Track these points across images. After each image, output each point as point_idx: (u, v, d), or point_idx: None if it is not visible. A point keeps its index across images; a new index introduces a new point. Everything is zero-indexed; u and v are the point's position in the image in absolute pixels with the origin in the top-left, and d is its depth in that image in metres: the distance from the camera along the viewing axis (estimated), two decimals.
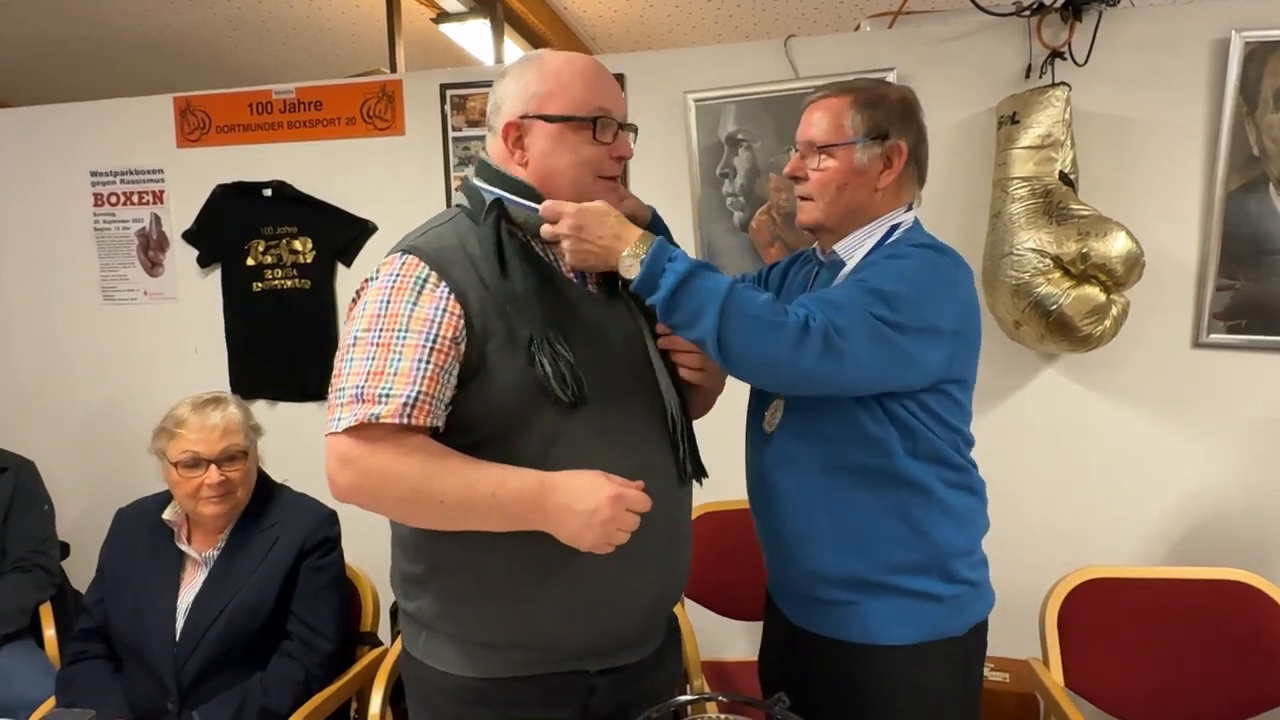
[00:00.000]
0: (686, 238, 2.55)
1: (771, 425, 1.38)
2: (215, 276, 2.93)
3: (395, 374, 1.12)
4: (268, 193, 2.84)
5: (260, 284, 2.87)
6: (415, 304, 1.15)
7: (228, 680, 1.71)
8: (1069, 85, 2.14)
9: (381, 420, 1.10)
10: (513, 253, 1.19)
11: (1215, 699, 1.78)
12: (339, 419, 1.12)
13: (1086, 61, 2.21)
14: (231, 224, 2.88)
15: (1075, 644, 1.81)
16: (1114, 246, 2.05)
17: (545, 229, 1.20)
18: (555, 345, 1.14)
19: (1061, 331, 2.12)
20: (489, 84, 2.75)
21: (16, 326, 3.11)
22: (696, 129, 2.49)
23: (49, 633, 2.28)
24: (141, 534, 1.85)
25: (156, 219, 2.97)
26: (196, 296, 2.94)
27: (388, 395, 1.11)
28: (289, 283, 2.85)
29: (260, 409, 2.80)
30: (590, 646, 1.22)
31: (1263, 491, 2.26)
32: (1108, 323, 2.11)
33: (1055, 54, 2.22)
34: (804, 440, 1.34)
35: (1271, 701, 1.76)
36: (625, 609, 1.22)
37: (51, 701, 1.83)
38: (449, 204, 2.39)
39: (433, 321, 1.15)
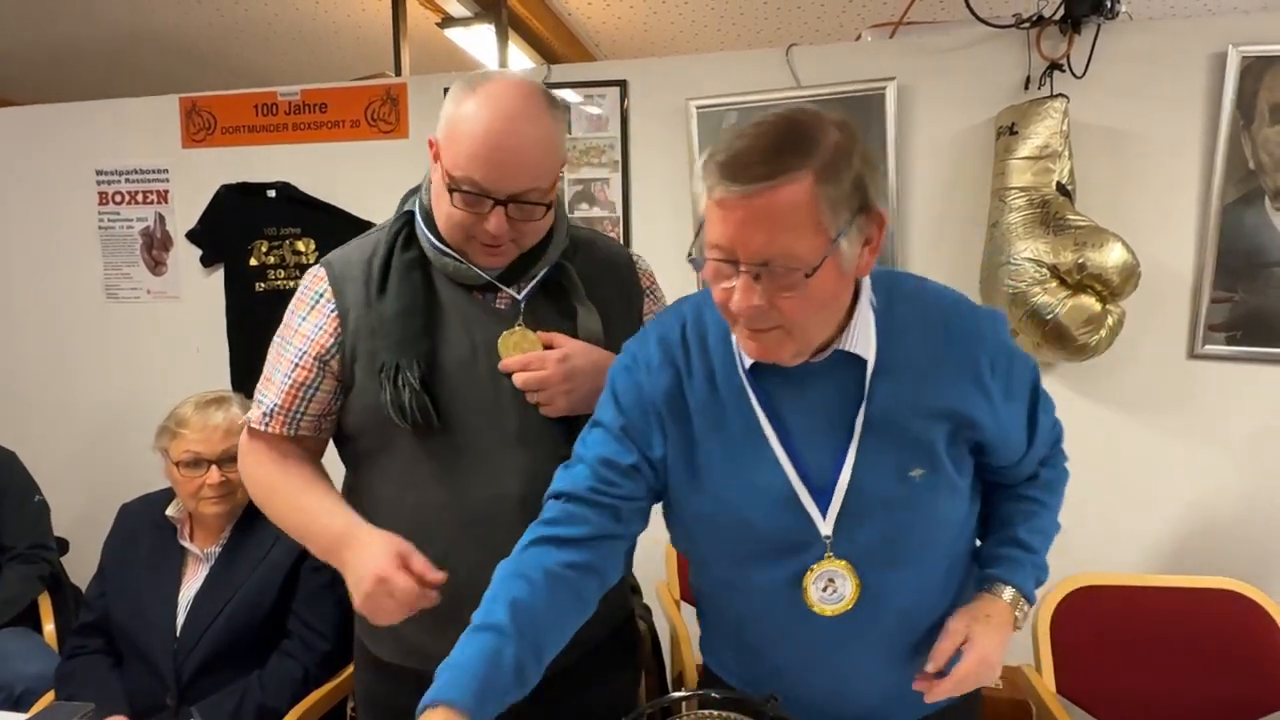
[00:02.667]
0: (688, 243, 2.56)
1: (833, 605, 1.06)
2: (218, 276, 2.94)
3: (270, 382, 1.25)
4: (272, 194, 2.86)
5: (263, 284, 2.89)
6: (305, 318, 1.24)
7: (227, 677, 1.72)
8: (1067, 97, 2.16)
9: (251, 425, 1.25)
10: (400, 272, 1.21)
11: (1206, 707, 1.79)
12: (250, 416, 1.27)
13: (1085, 74, 2.23)
14: (235, 224, 2.90)
15: (1068, 651, 1.82)
16: (1110, 257, 2.07)
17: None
18: (404, 372, 1.15)
19: (1058, 341, 2.14)
20: None
21: (21, 323, 3.13)
22: (698, 136, 2.50)
23: (48, 627, 2.29)
24: (144, 530, 1.86)
25: (161, 218, 2.98)
26: (199, 296, 2.96)
27: (260, 402, 1.24)
28: (291, 283, 2.86)
29: None
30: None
31: (1257, 502, 2.27)
32: (1103, 333, 2.13)
33: (1054, 66, 2.24)
34: (905, 593, 1.09)
35: (1263, 709, 1.76)
36: None
37: (51, 695, 1.85)
38: None
39: (309, 338, 1.22)
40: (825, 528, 1.03)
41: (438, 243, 1.21)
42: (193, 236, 2.95)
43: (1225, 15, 2.21)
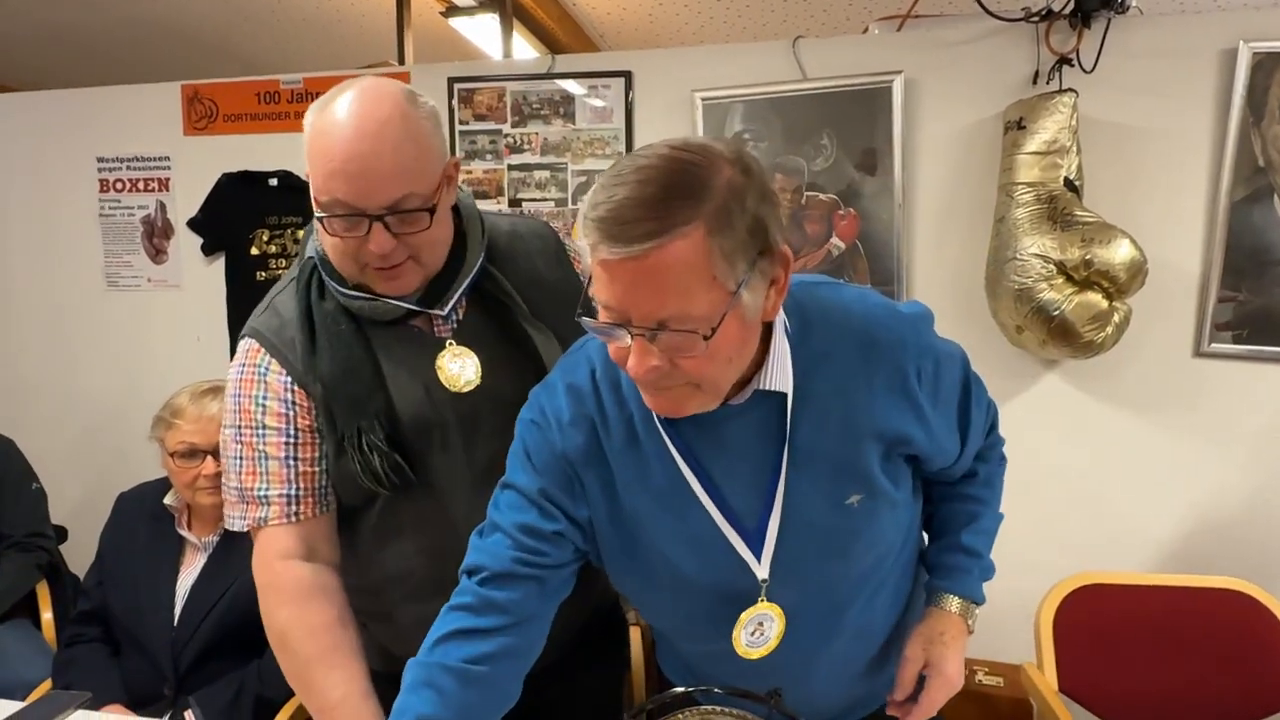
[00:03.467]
0: None
1: (758, 649, 1.04)
2: (219, 265, 2.93)
3: (268, 474, 1.13)
4: (273, 182, 2.85)
5: (264, 273, 2.88)
6: (265, 396, 1.14)
7: (224, 667, 1.71)
8: (1076, 92, 2.14)
9: (270, 524, 1.13)
10: (326, 328, 1.12)
11: (1210, 707, 1.78)
12: (231, 517, 1.18)
13: (1094, 68, 2.21)
14: (236, 213, 2.89)
15: (1070, 649, 1.81)
16: (1117, 254, 2.06)
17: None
18: (366, 435, 1.08)
19: (1063, 338, 2.12)
20: (497, 78, 2.77)
21: (21, 311, 3.12)
22: (703, 128, 2.49)
23: (46, 615, 2.29)
24: (142, 518, 1.86)
25: (162, 206, 2.97)
26: (200, 284, 2.95)
27: (266, 498, 1.13)
28: None
29: None
30: None
31: (1262, 501, 2.26)
32: (1109, 330, 2.11)
33: (1063, 60, 2.22)
34: (826, 621, 1.06)
35: (1267, 710, 1.76)
36: None
37: (48, 684, 1.84)
38: None
39: (286, 416, 1.13)
40: (761, 571, 0.98)
41: (340, 286, 1.13)
42: (194, 225, 2.94)
43: (1236, 11, 2.18)
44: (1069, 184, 2.14)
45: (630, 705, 1.56)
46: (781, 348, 0.94)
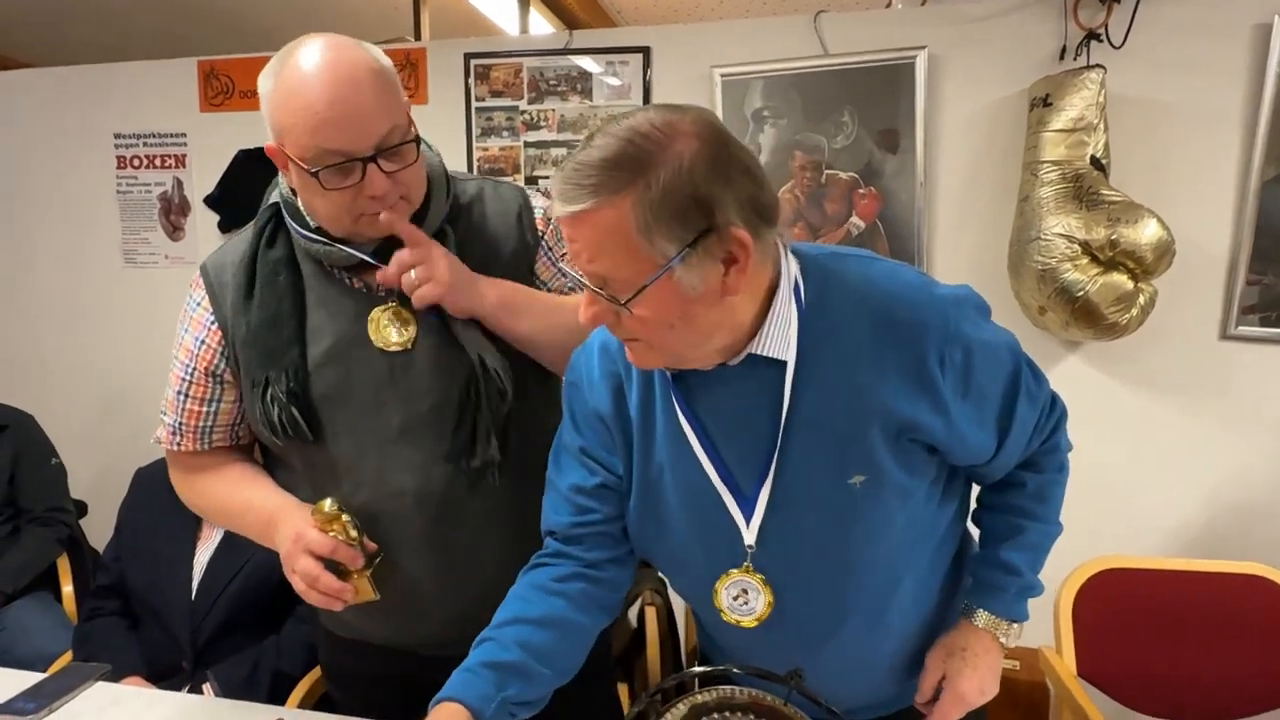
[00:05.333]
0: None
1: (742, 617, 1.04)
2: None
3: (169, 399, 1.23)
4: None
5: None
6: (187, 330, 1.20)
7: (241, 641, 1.73)
8: (1104, 68, 2.10)
9: (162, 444, 1.24)
10: (264, 277, 1.14)
11: (1230, 692, 1.77)
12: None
13: (1123, 44, 2.16)
14: (252, 190, 2.84)
15: (1089, 633, 1.80)
16: (1144, 234, 2.02)
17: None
18: (273, 386, 1.12)
19: (1087, 319, 2.09)
20: (513, 54, 2.74)
21: (39, 287, 3.13)
22: (722, 104, 2.46)
23: (66, 589, 2.32)
24: (160, 494, 1.85)
25: (178, 183, 2.97)
26: None
27: (164, 421, 1.23)
28: None
29: None
30: (390, 638, 1.27)
31: None
32: (1134, 311, 2.08)
33: (1091, 35, 2.17)
34: (823, 604, 1.05)
35: None
36: (408, 620, 1.23)
37: (68, 656, 1.86)
38: (470, 172, 2.37)
39: (194, 353, 1.19)
40: (749, 536, 0.98)
41: (302, 229, 1.14)
42: (210, 202, 2.94)
43: None
44: (1095, 162, 2.10)
45: (646, 685, 1.56)
46: (785, 314, 0.93)
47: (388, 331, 1.14)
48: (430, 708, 0.95)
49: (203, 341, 1.18)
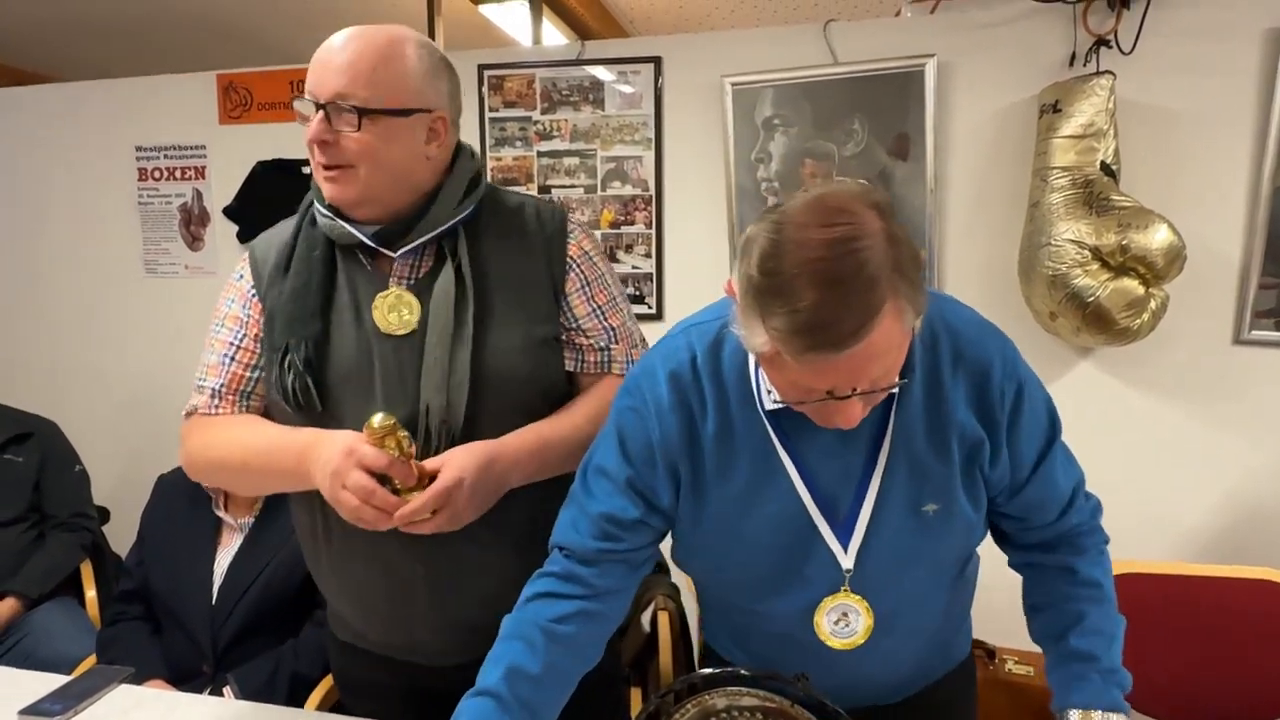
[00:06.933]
0: (720, 222, 2.55)
1: (845, 640, 1.07)
2: None
3: (210, 367, 1.25)
4: (307, 170, 2.84)
5: None
6: (233, 300, 1.25)
7: (261, 644, 1.75)
8: (1114, 74, 2.10)
9: (199, 412, 1.24)
10: (302, 250, 1.20)
11: (1243, 697, 1.76)
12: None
13: (1133, 50, 2.16)
14: (270, 201, 2.92)
15: None
16: (1155, 239, 2.02)
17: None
18: (292, 353, 1.15)
19: (1098, 324, 2.09)
20: (527, 65, 2.77)
21: (61, 296, 3.19)
22: (733, 113, 2.48)
23: (89, 594, 2.35)
24: (181, 500, 1.90)
25: (198, 194, 3.02)
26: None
27: (202, 388, 1.24)
28: None
29: None
30: (389, 645, 1.28)
31: None
32: (1146, 316, 2.08)
33: (1100, 42, 2.18)
34: (915, 625, 1.11)
35: None
36: (402, 624, 1.24)
37: (92, 659, 1.89)
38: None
39: (242, 320, 1.23)
40: (846, 561, 1.02)
41: (321, 205, 1.21)
42: (229, 213, 2.98)
43: None
44: (1105, 168, 2.10)
45: (658, 689, 1.57)
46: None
47: (391, 316, 1.17)
48: None
49: (248, 313, 1.23)
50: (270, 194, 2.92)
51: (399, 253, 1.18)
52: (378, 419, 1.03)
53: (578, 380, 1.27)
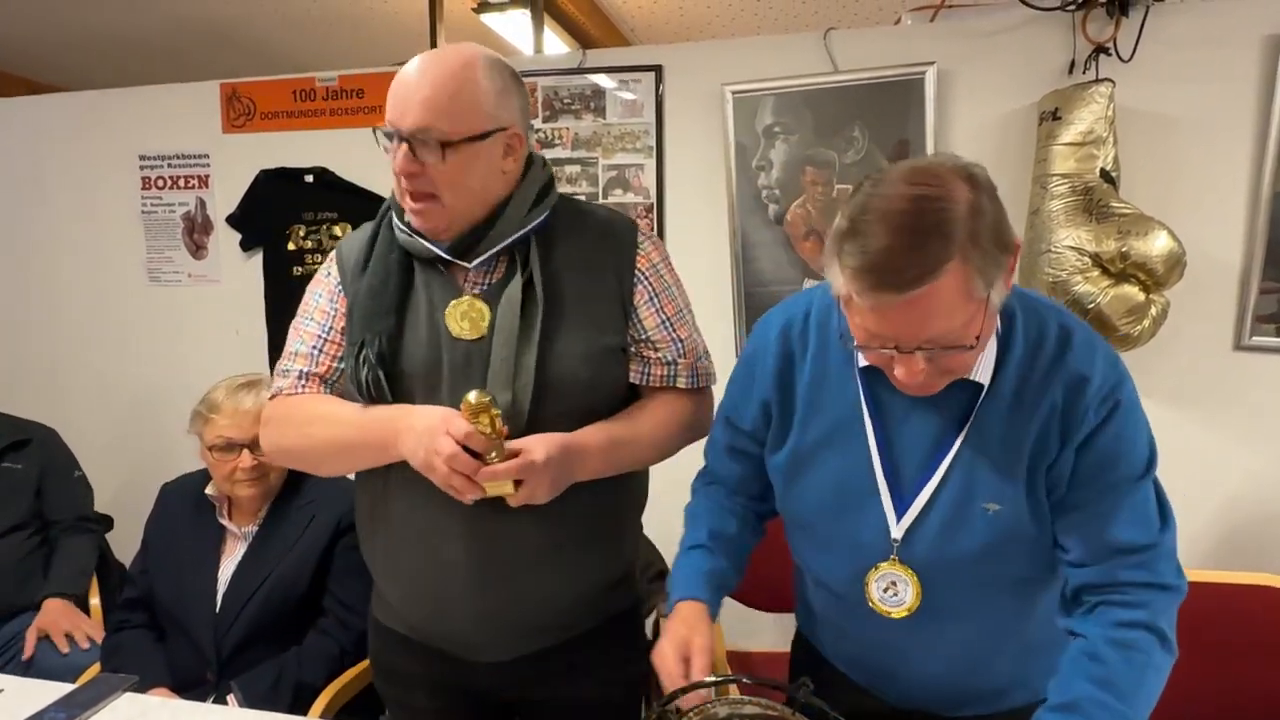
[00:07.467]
0: (721, 230, 2.56)
1: (893, 609, 1.11)
2: (257, 260, 2.98)
3: (296, 354, 1.30)
4: (309, 179, 2.89)
5: (300, 268, 2.93)
6: (321, 294, 1.31)
7: (265, 653, 1.75)
8: (1113, 81, 2.11)
9: (284, 394, 1.29)
10: (380, 250, 1.25)
11: (1246, 706, 1.76)
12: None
13: (1132, 57, 2.17)
14: (273, 209, 2.94)
15: None
16: (1154, 245, 2.03)
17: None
18: (367, 348, 1.20)
19: (1099, 331, 2.09)
20: (529, 74, 2.77)
21: (66, 305, 3.20)
22: (733, 121, 2.49)
23: (94, 601, 2.35)
24: (185, 508, 1.90)
25: (201, 203, 3.03)
26: (239, 279, 3.01)
27: (288, 373, 1.29)
28: None
29: None
30: (427, 632, 1.31)
31: None
32: (1146, 323, 2.08)
33: (1100, 49, 2.19)
34: (965, 617, 1.11)
35: None
36: (442, 610, 1.27)
37: (97, 667, 1.90)
38: None
39: (329, 314, 1.30)
40: (897, 531, 1.06)
41: (399, 218, 1.25)
42: (232, 221, 2.99)
43: None
44: (1105, 175, 2.11)
45: (659, 695, 1.57)
46: (991, 342, 1.02)
47: (464, 323, 1.21)
48: (670, 607, 1.14)
49: (334, 305, 1.29)
50: (273, 202, 2.94)
51: (473, 264, 1.22)
52: (474, 395, 1.08)
53: (641, 390, 1.32)
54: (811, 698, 0.92)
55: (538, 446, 1.13)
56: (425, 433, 1.12)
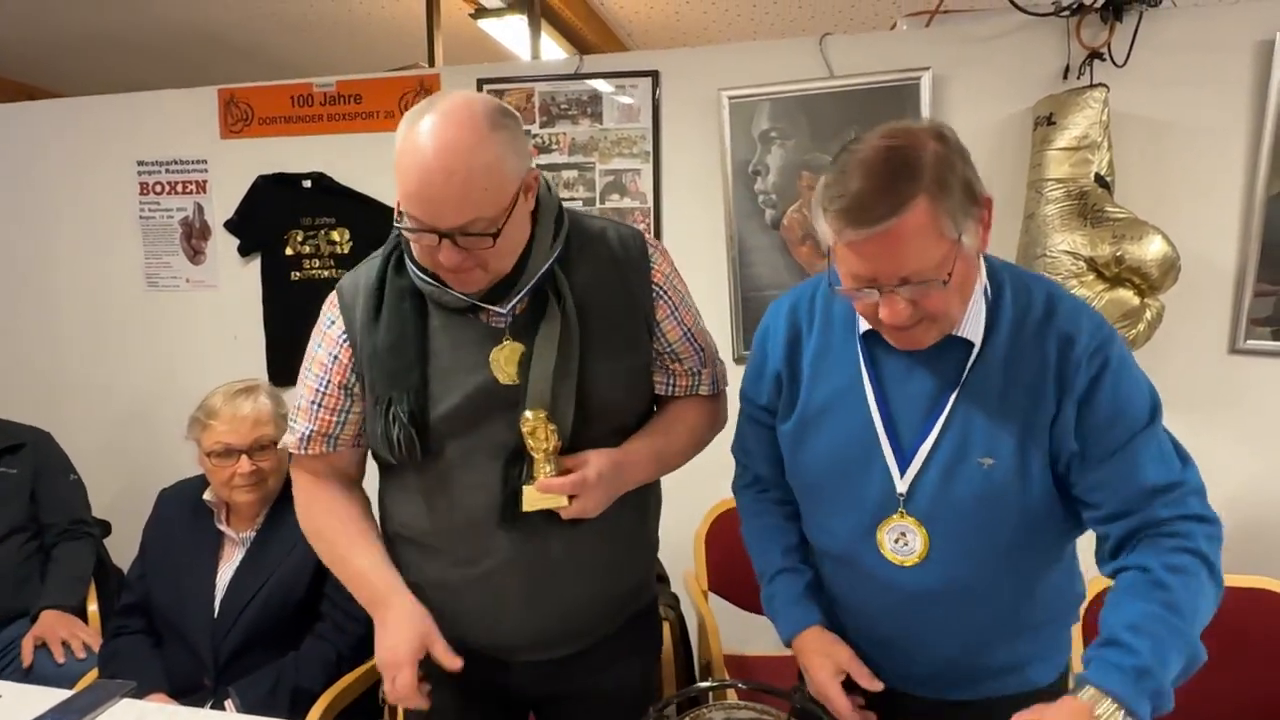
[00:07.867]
0: (718, 235, 2.57)
1: (905, 558, 1.15)
2: (255, 265, 2.99)
3: (299, 408, 1.30)
4: (307, 184, 2.90)
5: (298, 273, 2.93)
6: (320, 345, 1.28)
7: (262, 658, 1.75)
8: (1107, 86, 2.12)
9: (290, 449, 1.31)
10: (391, 301, 1.22)
11: (1245, 710, 1.76)
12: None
13: (1126, 62, 2.18)
14: (271, 214, 2.94)
15: None
16: (1149, 250, 2.03)
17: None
18: (395, 406, 1.18)
19: None
20: (525, 79, 2.79)
21: (63, 310, 3.20)
22: (730, 126, 2.49)
23: (91, 607, 2.34)
24: (183, 514, 1.90)
25: (199, 208, 3.03)
26: (237, 284, 3.01)
27: (294, 429, 1.30)
28: (326, 273, 2.91)
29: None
30: (467, 639, 1.29)
31: None
32: (1141, 327, 2.09)
33: (1094, 55, 2.20)
34: (969, 563, 1.14)
35: None
36: (489, 625, 1.29)
37: (95, 673, 1.89)
38: None
39: (327, 367, 1.26)
40: (901, 485, 1.12)
41: (417, 269, 1.20)
42: (230, 226, 2.99)
43: (1273, 1, 2.14)
44: (1100, 180, 2.12)
45: (660, 697, 1.57)
46: (980, 303, 1.09)
47: (510, 368, 1.20)
48: (784, 639, 1.25)
49: (335, 357, 1.26)
50: (271, 208, 2.94)
51: (508, 308, 1.20)
52: (530, 413, 1.13)
53: (660, 399, 1.36)
54: (807, 702, 0.92)
55: (592, 462, 1.17)
56: (389, 651, 1.20)
